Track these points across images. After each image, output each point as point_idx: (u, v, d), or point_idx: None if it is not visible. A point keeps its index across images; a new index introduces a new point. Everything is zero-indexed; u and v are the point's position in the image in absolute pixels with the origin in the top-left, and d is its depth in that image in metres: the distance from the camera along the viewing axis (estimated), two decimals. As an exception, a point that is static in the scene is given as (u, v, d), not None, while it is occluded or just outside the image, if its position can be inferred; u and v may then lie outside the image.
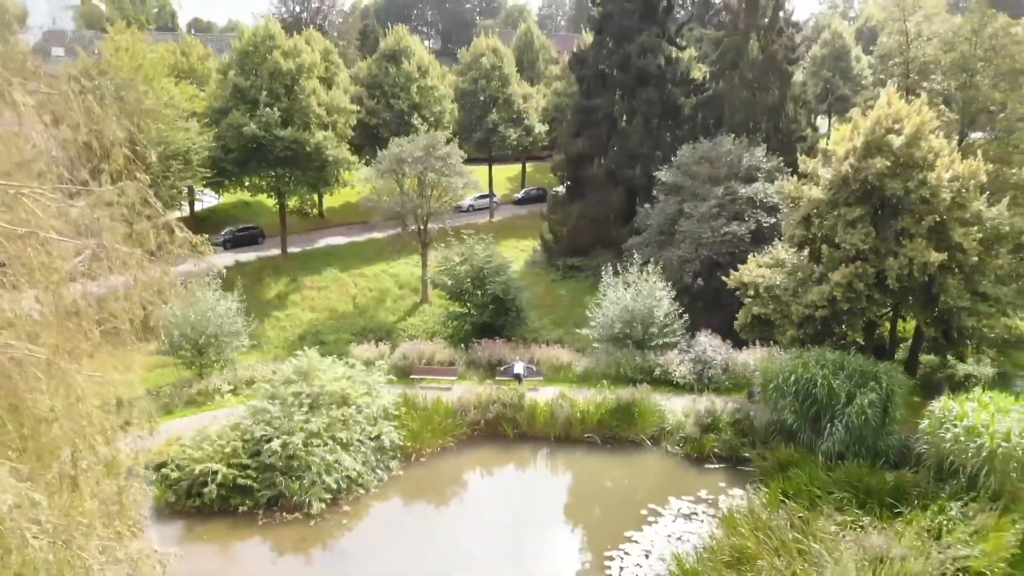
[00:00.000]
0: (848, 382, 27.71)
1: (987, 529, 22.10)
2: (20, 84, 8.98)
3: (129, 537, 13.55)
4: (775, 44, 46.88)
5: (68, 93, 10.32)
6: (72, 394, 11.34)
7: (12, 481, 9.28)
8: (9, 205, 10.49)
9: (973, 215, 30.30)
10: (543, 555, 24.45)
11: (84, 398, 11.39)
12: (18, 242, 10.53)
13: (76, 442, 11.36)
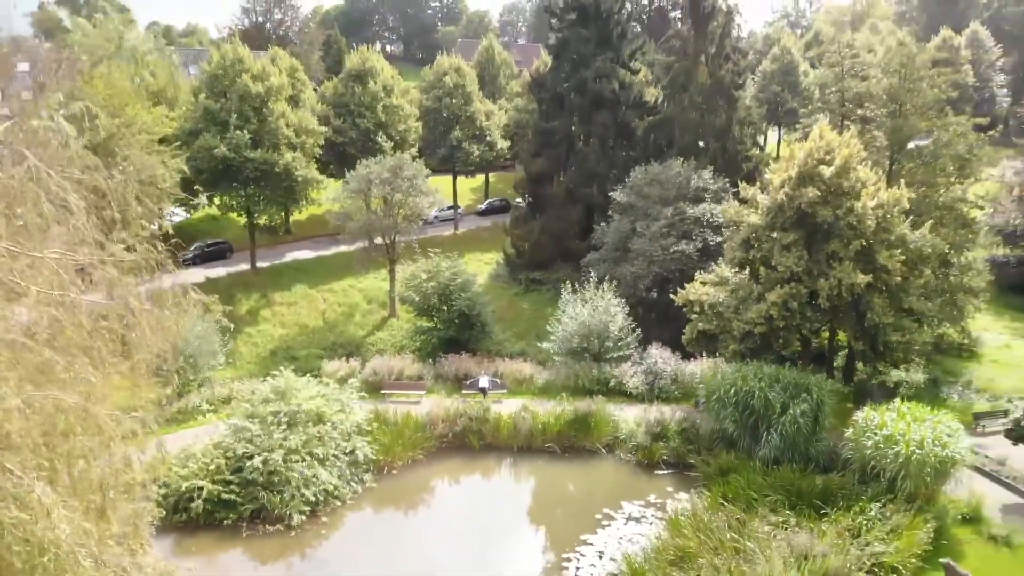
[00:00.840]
0: (783, 394, 30.49)
1: (902, 528, 24.95)
2: (73, 184, 10.95)
3: (141, 553, 15.55)
4: (722, 70, 49.78)
5: (103, 182, 12.30)
6: (104, 433, 13.35)
7: (66, 513, 11.28)
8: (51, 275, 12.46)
9: (897, 238, 33.32)
10: (507, 558, 26.77)
11: (113, 437, 13.40)
12: (59, 308, 12.50)
13: (107, 475, 13.35)
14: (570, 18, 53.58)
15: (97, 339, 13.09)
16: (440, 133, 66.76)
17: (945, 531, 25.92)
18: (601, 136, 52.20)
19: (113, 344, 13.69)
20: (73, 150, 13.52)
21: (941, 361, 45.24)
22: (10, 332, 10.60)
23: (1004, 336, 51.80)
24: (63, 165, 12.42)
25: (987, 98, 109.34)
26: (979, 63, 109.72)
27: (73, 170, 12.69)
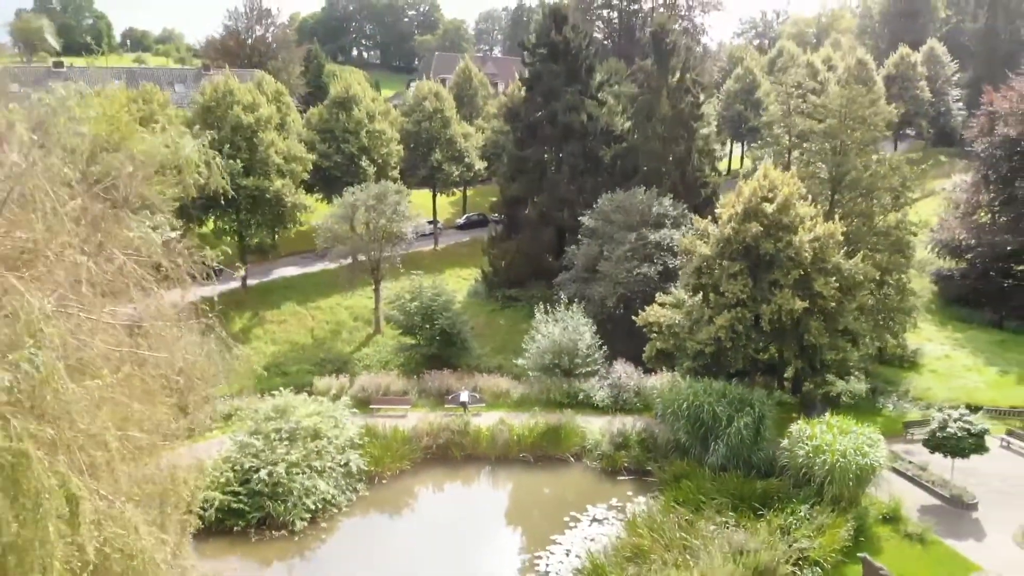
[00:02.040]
0: (729, 407, 34.45)
1: (826, 527, 28.87)
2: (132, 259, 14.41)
3: (182, 557, 19.00)
4: (682, 102, 53.75)
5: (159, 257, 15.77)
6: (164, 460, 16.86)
7: (147, 528, 14.77)
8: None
9: (832, 267, 37.37)
10: (486, 557, 30.44)
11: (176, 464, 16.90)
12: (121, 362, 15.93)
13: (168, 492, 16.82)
14: (541, 53, 57.46)
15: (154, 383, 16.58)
16: (421, 155, 70.20)
17: (866, 529, 29.88)
18: (571, 164, 56.05)
19: (163, 381, 17.16)
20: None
21: (883, 371, 49.57)
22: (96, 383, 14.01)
23: (945, 347, 56.16)
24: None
25: (943, 112, 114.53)
26: (936, 78, 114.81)
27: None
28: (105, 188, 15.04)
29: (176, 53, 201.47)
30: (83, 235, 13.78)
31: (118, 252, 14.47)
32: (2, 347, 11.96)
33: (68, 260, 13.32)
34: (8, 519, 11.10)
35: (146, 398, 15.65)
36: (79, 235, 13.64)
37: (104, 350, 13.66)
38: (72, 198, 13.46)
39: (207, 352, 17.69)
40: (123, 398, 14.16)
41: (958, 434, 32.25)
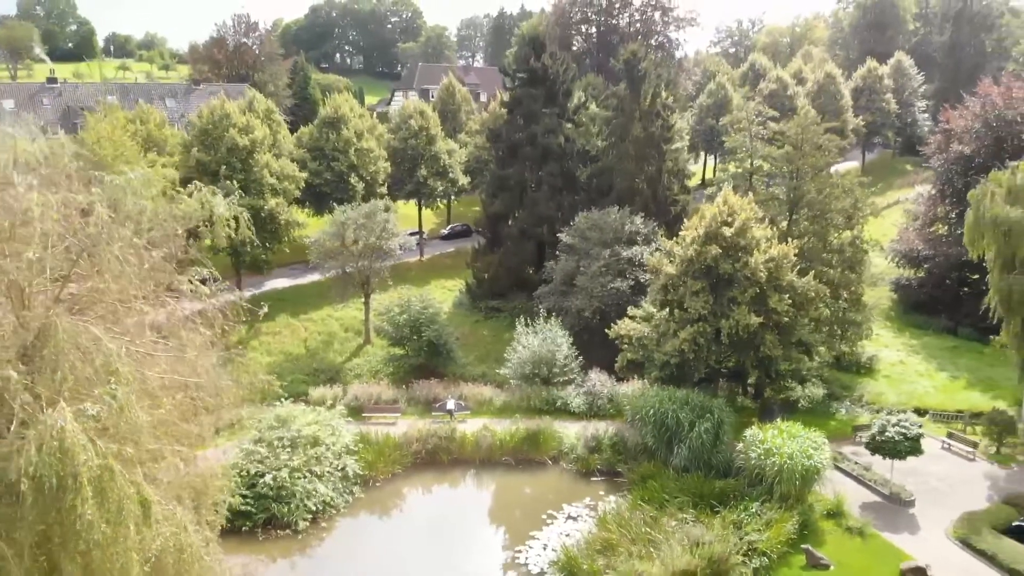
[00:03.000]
0: (691, 413, 37.94)
1: (774, 521, 32.39)
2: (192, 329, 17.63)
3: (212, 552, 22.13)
4: (653, 125, 57.24)
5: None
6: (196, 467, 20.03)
7: (194, 528, 17.94)
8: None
9: (786, 285, 40.99)
10: (471, 552, 33.76)
11: (208, 471, 20.05)
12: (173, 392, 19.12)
13: (203, 495, 19.96)
14: (521, 77, 60.87)
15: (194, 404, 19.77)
16: (407, 170, 73.34)
17: (811, 524, 33.43)
18: (550, 183, 59.42)
19: (201, 402, 20.31)
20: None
21: (840, 377, 53.20)
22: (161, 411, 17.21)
23: (901, 353, 59.95)
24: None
25: (910, 123, 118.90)
26: (902, 90, 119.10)
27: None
28: (160, 245, 18.08)
29: (160, 59, 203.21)
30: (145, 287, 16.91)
31: (171, 300, 17.63)
32: (88, 383, 15.14)
33: (134, 308, 16.48)
34: (98, 521, 14.25)
35: (190, 417, 18.86)
36: (141, 288, 16.76)
37: (161, 382, 16.83)
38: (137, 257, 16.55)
39: (235, 378, 20.80)
40: (175, 420, 17.33)
41: (895, 438, 35.90)
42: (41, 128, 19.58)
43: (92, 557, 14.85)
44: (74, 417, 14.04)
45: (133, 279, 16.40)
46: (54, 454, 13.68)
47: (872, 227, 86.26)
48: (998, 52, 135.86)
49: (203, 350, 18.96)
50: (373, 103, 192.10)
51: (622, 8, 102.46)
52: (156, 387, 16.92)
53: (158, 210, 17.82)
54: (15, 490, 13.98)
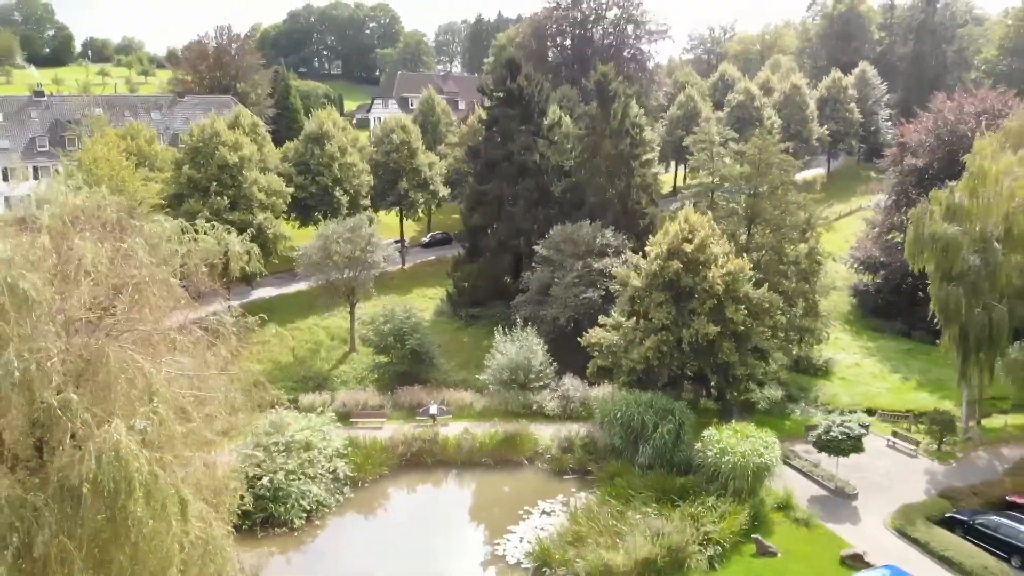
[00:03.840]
0: (655, 416, 41.23)
1: (728, 514, 35.71)
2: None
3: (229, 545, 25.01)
4: (623, 144, 60.62)
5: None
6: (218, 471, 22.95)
7: (220, 525, 20.84)
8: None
9: (742, 296, 44.48)
10: (454, 545, 36.92)
11: (225, 473, 22.97)
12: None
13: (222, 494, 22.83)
14: (499, 97, 64.08)
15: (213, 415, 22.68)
16: (389, 182, 76.26)
17: (762, 516, 36.76)
18: (526, 198, 62.67)
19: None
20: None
21: (799, 379, 56.89)
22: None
23: (857, 355, 63.82)
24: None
25: (873, 131, 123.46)
26: (866, 99, 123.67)
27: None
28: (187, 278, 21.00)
29: (139, 65, 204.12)
30: (176, 317, 19.85)
31: (196, 328, 20.59)
32: (133, 401, 18.11)
33: (167, 335, 19.44)
34: (146, 517, 17.20)
35: (210, 427, 21.81)
36: (172, 317, 19.71)
37: (191, 398, 19.81)
38: (170, 293, 19.45)
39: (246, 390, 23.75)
40: (201, 430, 20.30)
41: (839, 437, 39.52)
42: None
43: (139, 548, 17.79)
44: (126, 431, 17.00)
45: (166, 310, 19.32)
46: (112, 462, 16.62)
47: (835, 233, 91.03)
48: (959, 62, 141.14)
49: (220, 367, 21.93)
50: (352, 109, 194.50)
51: (596, 22, 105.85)
52: (185, 403, 19.88)
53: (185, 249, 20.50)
54: (76, 493, 16.88)
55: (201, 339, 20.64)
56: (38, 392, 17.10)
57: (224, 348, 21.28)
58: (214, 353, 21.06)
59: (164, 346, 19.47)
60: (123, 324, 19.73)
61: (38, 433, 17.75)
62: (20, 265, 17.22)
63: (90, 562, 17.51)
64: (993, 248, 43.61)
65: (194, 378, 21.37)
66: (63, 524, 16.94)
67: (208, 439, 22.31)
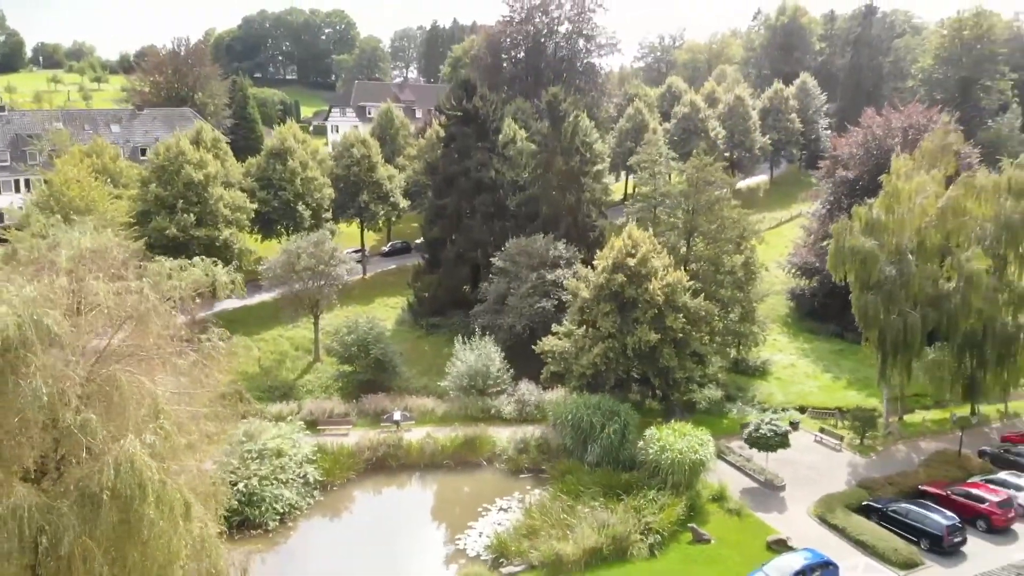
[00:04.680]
0: (602, 417, 44.82)
1: (666, 505, 39.43)
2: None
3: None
4: (572, 161, 64.27)
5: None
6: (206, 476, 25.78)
7: (214, 525, 23.72)
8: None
9: (681, 306, 48.36)
10: (418, 542, 40.08)
11: (215, 479, 25.82)
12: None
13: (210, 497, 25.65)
14: (456, 116, 67.27)
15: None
16: (350, 195, 78.87)
17: (698, 507, 40.62)
18: (483, 211, 65.97)
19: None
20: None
21: (738, 380, 61.15)
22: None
23: (793, 356, 68.39)
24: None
25: (814, 139, 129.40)
26: (807, 108, 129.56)
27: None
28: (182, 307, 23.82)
29: (91, 71, 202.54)
30: (174, 343, 22.72)
31: (191, 352, 23.46)
32: (142, 418, 20.96)
33: (167, 360, 22.31)
34: (157, 519, 20.08)
35: (206, 439, 24.69)
36: (171, 344, 22.58)
37: (188, 413, 22.71)
38: (171, 322, 22.27)
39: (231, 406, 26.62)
40: (200, 443, 23.19)
41: (767, 434, 43.58)
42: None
43: (149, 546, 20.62)
44: (140, 445, 19.88)
45: (167, 338, 22.18)
46: (128, 472, 19.47)
47: (777, 238, 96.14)
48: (895, 73, 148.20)
49: (212, 387, 24.82)
50: (309, 116, 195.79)
51: (549, 35, 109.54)
52: (183, 418, 22.76)
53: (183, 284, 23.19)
54: (97, 499, 19.67)
55: (197, 362, 23.47)
56: (60, 413, 19.89)
57: (216, 369, 24.02)
58: (206, 374, 23.83)
59: (167, 367, 22.28)
60: (126, 348, 22.53)
61: (61, 449, 20.47)
62: (43, 303, 19.95)
63: (107, 559, 20.28)
64: (907, 260, 48.16)
65: (190, 395, 24.27)
66: (85, 526, 19.71)
67: (202, 448, 25.14)
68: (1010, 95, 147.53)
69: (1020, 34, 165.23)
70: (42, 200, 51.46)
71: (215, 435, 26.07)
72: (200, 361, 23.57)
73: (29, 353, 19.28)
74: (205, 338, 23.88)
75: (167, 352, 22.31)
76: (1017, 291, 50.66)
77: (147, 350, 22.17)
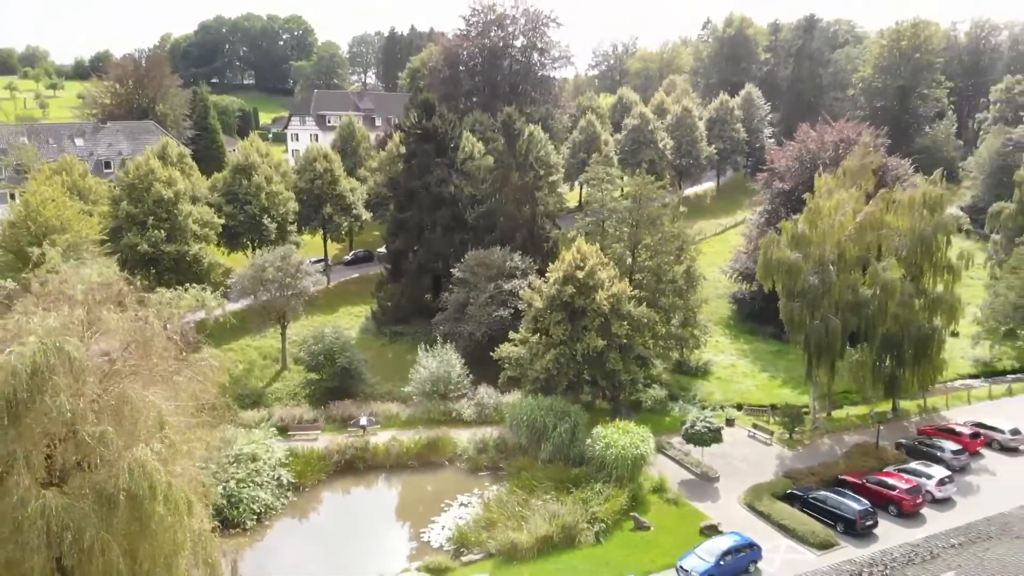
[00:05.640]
0: (554, 417, 48.89)
1: (612, 496, 43.58)
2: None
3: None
4: (527, 176, 68.32)
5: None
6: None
7: (206, 517, 27.14)
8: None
9: (625, 314, 52.67)
10: (386, 536, 43.73)
11: (205, 480, 29.23)
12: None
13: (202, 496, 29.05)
14: (417, 134, 70.87)
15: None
16: (314, 207, 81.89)
17: (640, 497, 44.85)
18: (443, 225, 69.65)
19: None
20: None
21: (681, 380, 65.69)
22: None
23: (734, 357, 73.19)
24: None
25: (758, 147, 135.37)
26: (751, 118, 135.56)
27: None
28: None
29: (47, 78, 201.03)
30: (172, 363, 26.12)
31: (188, 370, 26.87)
32: (149, 429, 24.36)
33: (168, 380, 25.71)
34: (165, 515, 23.51)
35: (200, 446, 28.10)
36: (170, 363, 25.98)
37: (184, 423, 26.14)
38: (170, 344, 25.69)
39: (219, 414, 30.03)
40: (194, 450, 26.62)
41: (702, 430, 48.05)
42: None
43: (157, 538, 24.00)
44: (150, 452, 23.30)
45: (166, 358, 25.57)
46: (140, 475, 22.87)
47: (722, 243, 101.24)
48: (834, 84, 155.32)
49: (203, 398, 28.26)
50: (268, 122, 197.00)
51: (504, 49, 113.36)
52: (181, 427, 26.17)
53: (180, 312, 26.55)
54: (114, 500, 23.01)
55: (192, 377, 26.89)
56: (79, 426, 23.22)
57: (209, 383, 27.45)
58: (201, 388, 27.26)
59: (167, 384, 25.70)
60: (130, 368, 25.88)
61: (78, 456, 23.76)
62: (62, 332, 23.27)
63: (122, 550, 23.64)
64: (829, 270, 53.05)
65: (185, 407, 27.67)
66: (103, 522, 23.05)
67: (195, 454, 28.53)
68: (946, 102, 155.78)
69: (957, 43, 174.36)
70: (19, 220, 53.63)
71: (208, 442, 29.27)
72: (195, 377, 26.93)
73: (53, 375, 22.55)
74: (199, 357, 27.25)
75: (167, 370, 25.67)
76: (931, 297, 55.99)
77: (150, 369, 25.52)
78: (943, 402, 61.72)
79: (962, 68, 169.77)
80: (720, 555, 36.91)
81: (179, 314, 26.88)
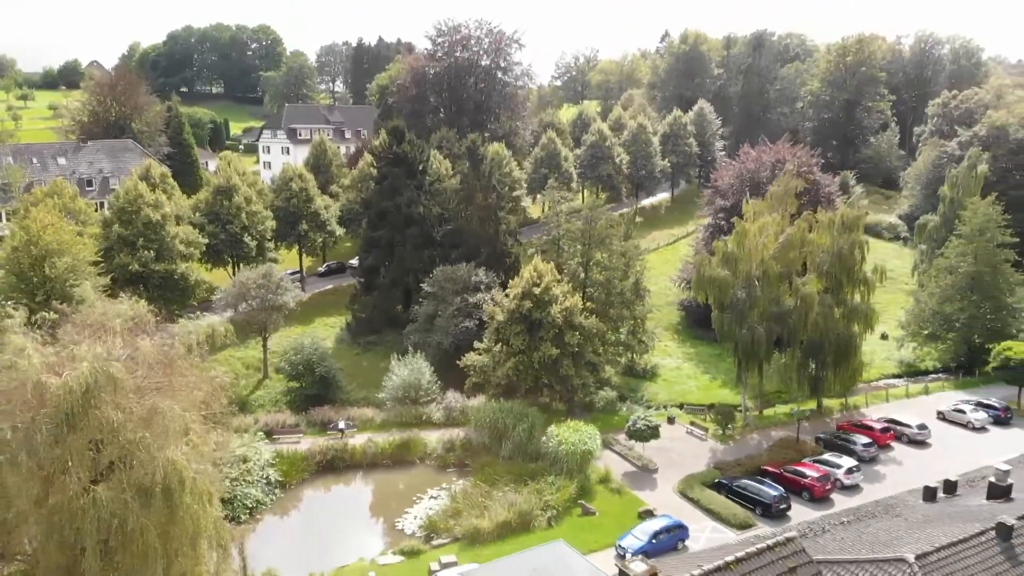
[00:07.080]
0: (514, 419, 55.07)
1: (562, 487, 49.78)
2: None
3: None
4: (491, 197, 74.44)
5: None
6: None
7: (218, 507, 32.88)
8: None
9: (577, 325, 59.06)
10: (365, 526, 49.57)
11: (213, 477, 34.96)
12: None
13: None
14: (388, 158, 76.69)
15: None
16: (290, 225, 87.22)
17: (588, 488, 51.01)
18: (413, 242, 75.52)
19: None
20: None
21: (631, 382, 72.27)
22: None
23: (679, 360, 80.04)
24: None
25: (710, 160, 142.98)
26: (704, 132, 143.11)
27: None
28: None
29: (17, 88, 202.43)
30: (191, 379, 31.88)
31: (204, 385, 32.60)
32: (174, 435, 30.09)
33: (189, 392, 31.47)
34: (192, 503, 29.26)
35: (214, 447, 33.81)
36: (190, 380, 31.74)
37: (203, 428, 31.90)
38: (190, 364, 31.41)
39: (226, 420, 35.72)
40: (209, 452, 32.39)
41: (643, 428, 54.56)
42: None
43: (185, 524, 29.67)
44: (181, 454, 29.03)
45: (187, 375, 31.31)
46: (172, 471, 28.59)
47: (673, 252, 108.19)
48: (781, 100, 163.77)
49: (216, 408, 33.99)
50: (239, 133, 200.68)
51: (470, 69, 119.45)
52: (200, 432, 31.90)
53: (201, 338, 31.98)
54: (151, 492, 28.63)
55: (210, 392, 32.62)
56: (121, 433, 28.88)
57: (222, 396, 33.20)
58: (215, 399, 33.00)
59: (189, 396, 31.42)
60: (157, 384, 31.54)
61: (119, 457, 29.38)
62: (107, 358, 28.93)
63: (156, 532, 29.34)
64: (754, 285, 59.95)
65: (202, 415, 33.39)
66: (142, 510, 28.71)
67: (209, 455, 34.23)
68: (889, 114, 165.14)
69: (902, 56, 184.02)
70: (22, 245, 58.30)
71: (220, 444, 34.92)
72: (211, 392, 32.65)
73: (101, 393, 28.19)
74: (212, 375, 32.98)
75: (187, 384, 31.38)
76: (850, 307, 63.23)
77: (172, 384, 31.22)
78: (863, 400, 68.82)
79: (907, 80, 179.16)
80: (653, 534, 43.17)
81: (196, 339, 32.22)
